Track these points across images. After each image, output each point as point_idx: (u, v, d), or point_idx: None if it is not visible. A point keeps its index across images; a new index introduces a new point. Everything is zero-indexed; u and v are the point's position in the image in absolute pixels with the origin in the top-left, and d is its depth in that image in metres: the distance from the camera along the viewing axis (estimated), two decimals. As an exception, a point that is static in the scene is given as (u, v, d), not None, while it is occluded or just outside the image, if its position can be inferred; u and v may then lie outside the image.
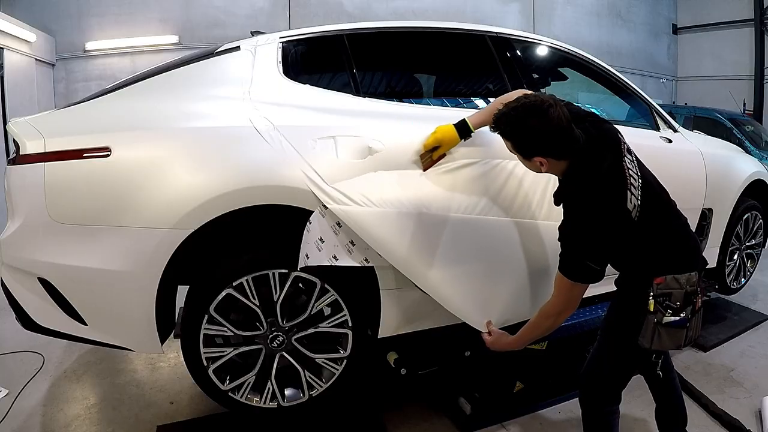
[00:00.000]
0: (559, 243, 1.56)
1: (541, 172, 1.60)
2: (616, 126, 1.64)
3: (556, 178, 2.04)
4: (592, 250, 1.49)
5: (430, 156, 1.94)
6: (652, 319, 1.48)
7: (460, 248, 1.93)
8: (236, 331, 1.87)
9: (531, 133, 1.49)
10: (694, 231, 2.96)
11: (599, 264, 1.50)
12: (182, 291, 1.96)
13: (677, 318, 1.47)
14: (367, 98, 2.09)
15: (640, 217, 1.49)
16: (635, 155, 1.61)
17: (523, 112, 1.47)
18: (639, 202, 1.49)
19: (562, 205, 1.59)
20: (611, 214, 1.48)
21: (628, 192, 1.47)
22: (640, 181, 1.52)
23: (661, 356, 1.66)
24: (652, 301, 1.47)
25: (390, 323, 1.99)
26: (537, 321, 1.70)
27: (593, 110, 3.57)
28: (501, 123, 1.54)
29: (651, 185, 1.56)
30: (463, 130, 1.91)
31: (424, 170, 1.94)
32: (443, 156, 1.95)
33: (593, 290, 2.43)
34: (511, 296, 2.04)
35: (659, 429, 1.91)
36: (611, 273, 1.63)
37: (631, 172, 1.51)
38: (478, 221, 1.95)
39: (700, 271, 1.54)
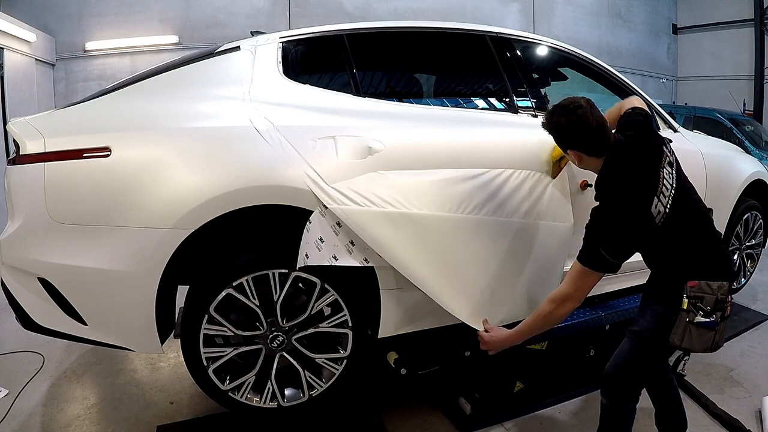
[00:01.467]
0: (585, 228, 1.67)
1: (578, 165, 1.78)
2: (664, 139, 1.74)
3: (557, 181, 2.07)
4: (606, 239, 1.59)
5: (558, 164, 2.14)
6: (684, 317, 1.54)
7: (458, 248, 1.93)
8: (236, 331, 1.87)
9: (559, 129, 1.71)
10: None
11: (612, 255, 1.59)
12: (182, 291, 1.96)
13: (708, 320, 1.53)
14: (367, 98, 2.09)
15: (665, 224, 1.57)
16: (678, 169, 1.68)
17: (555, 111, 1.72)
18: (666, 210, 1.57)
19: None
20: (631, 212, 1.57)
21: (655, 197, 1.57)
22: (673, 191, 1.60)
23: (687, 356, 1.73)
24: (686, 300, 1.54)
25: (390, 323, 1.99)
26: (539, 308, 1.75)
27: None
28: (543, 118, 1.78)
29: (688, 200, 1.64)
30: None
31: (553, 177, 2.13)
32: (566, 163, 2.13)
33: (593, 290, 2.45)
34: (508, 296, 2.04)
35: None
36: (609, 275, 1.67)
37: (665, 181, 1.60)
38: (477, 221, 1.95)
39: (731, 282, 1.60)
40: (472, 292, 1.97)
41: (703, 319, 1.53)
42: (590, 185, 2.31)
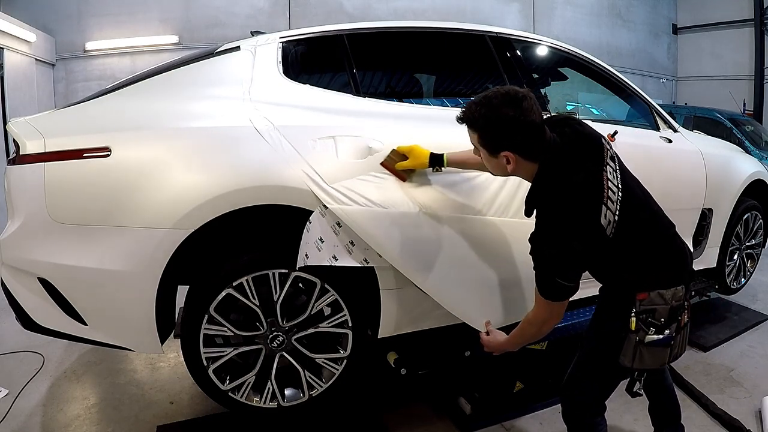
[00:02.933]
0: (531, 257, 1.46)
1: (507, 173, 1.50)
2: (600, 132, 1.52)
3: None
4: (560, 267, 1.40)
5: (394, 163, 1.88)
6: (633, 338, 1.40)
7: (460, 248, 1.93)
8: (236, 331, 1.87)
9: (501, 122, 1.38)
10: (693, 231, 2.97)
11: (570, 280, 1.41)
12: (182, 291, 1.96)
13: (661, 336, 1.40)
14: (367, 98, 2.09)
15: (616, 233, 1.39)
16: (620, 163, 1.49)
17: (495, 99, 1.38)
18: (616, 217, 1.38)
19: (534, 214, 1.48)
20: (581, 229, 1.37)
21: (603, 206, 1.36)
22: (620, 194, 1.40)
23: (644, 374, 1.53)
24: (633, 319, 1.39)
25: (390, 323, 1.99)
26: (522, 327, 1.64)
27: (593, 110, 3.53)
28: (470, 111, 1.43)
29: (634, 197, 1.45)
30: (437, 160, 1.88)
31: (381, 164, 1.89)
32: (407, 173, 1.89)
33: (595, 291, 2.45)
34: (510, 295, 2.04)
35: (654, 424, 1.90)
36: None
37: (610, 183, 1.39)
38: (477, 221, 1.95)
39: (687, 284, 1.47)
40: (474, 293, 1.96)
41: (656, 337, 1.38)
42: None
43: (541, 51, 2.74)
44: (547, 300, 1.47)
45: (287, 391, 2.01)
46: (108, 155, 1.67)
